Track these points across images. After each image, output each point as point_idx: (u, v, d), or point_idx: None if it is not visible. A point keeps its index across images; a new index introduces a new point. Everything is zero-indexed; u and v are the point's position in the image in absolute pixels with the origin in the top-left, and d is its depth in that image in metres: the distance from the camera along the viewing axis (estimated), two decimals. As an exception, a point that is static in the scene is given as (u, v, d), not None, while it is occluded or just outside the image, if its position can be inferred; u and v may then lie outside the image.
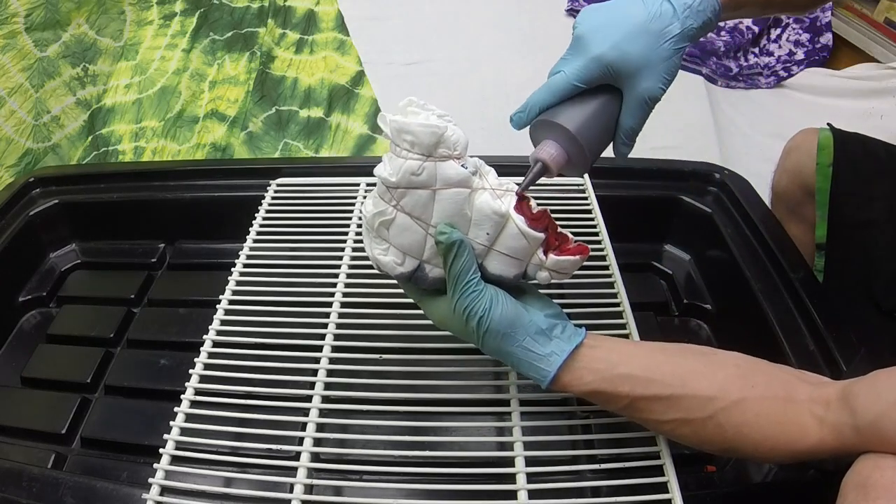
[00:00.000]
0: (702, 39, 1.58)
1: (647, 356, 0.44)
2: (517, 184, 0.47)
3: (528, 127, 0.49)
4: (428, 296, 0.48)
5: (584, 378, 0.43)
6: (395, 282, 0.56)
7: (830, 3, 1.58)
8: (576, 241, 0.47)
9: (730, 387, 0.41)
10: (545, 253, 0.45)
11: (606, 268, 0.63)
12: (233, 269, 0.64)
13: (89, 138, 1.29)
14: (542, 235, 0.45)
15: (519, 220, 0.44)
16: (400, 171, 0.43)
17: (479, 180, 0.45)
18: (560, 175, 0.49)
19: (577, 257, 0.45)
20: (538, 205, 0.46)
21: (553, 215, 0.49)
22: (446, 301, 0.45)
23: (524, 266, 0.46)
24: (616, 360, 0.43)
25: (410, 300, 0.53)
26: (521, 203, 0.45)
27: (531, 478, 0.46)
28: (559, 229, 0.46)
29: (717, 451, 0.44)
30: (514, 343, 0.43)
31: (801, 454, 0.40)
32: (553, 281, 0.46)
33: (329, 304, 0.60)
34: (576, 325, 0.45)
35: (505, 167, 0.75)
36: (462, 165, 0.44)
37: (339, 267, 0.63)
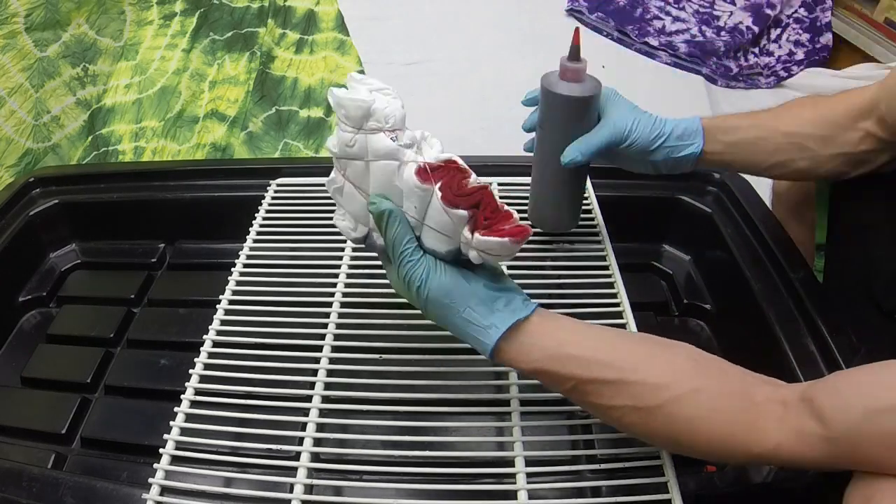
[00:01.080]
0: (702, 39, 1.58)
1: (601, 338, 0.43)
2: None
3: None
4: (387, 262, 0.48)
5: (531, 354, 0.42)
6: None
7: (830, 10, 1.59)
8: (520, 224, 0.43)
9: (684, 377, 0.40)
10: (471, 231, 0.42)
11: (606, 268, 0.63)
12: (233, 269, 0.64)
13: (89, 138, 1.29)
14: (464, 213, 0.42)
15: (439, 196, 0.43)
16: (338, 144, 0.47)
17: (411, 153, 0.45)
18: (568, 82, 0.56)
19: (506, 239, 0.41)
20: (485, 183, 0.44)
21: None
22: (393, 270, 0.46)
23: (456, 243, 0.44)
24: (566, 339, 0.42)
25: None
26: (451, 178, 0.43)
27: (531, 478, 0.46)
28: (504, 208, 0.43)
29: (667, 447, 0.43)
30: (455, 313, 0.43)
31: (757, 457, 0.39)
32: (492, 262, 0.44)
33: (329, 304, 0.60)
34: (528, 301, 0.44)
35: (505, 167, 0.75)
36: (393, 139, 0.45)
37: (339, 267, 0.63)
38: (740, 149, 0.58)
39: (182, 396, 0.52)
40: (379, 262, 0.63)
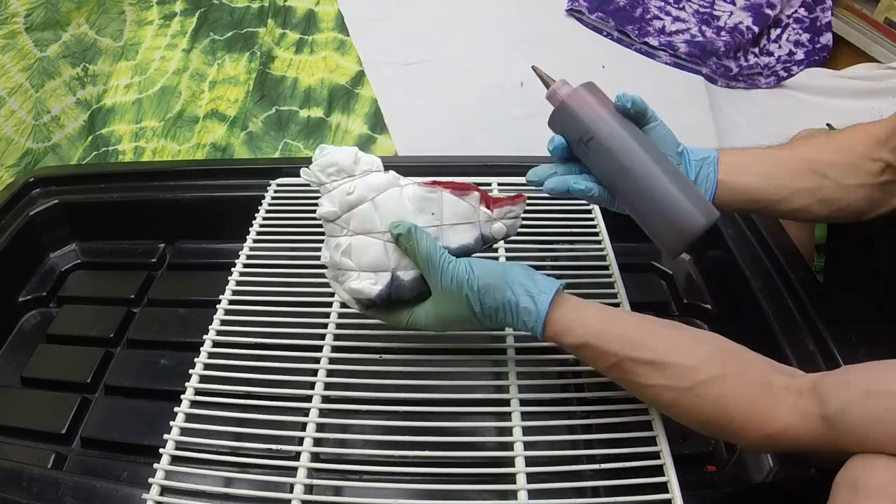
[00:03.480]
0: (702, 39, 1.58)
1: (638, 321, 0.46)
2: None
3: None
4: (412, 309, 0.50)
5: (576, 330, 0.45)
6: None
7: (830, 10, 1.59)
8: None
9: (711, 362, 0.43)
10: (488, 207, 0.50)
11: (606, 268, 0.63)
12: (233, 269, 0.64)
13: (89, 138, 1.29)
14: (476, 193, 0.50)
15: (449, 192, 0.50)
16: (337, 200, 0.49)
17: (402, 177, 0.51)
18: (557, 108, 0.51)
19: (518, 200, 0.51)
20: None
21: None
22: (432, 299, 0.48)
23: (478, 228, 0.51)
24: (608, 318, 0.46)
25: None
26: (444, 183, 0.51)
27: (531, 478, 0.46)
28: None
29: (694, 424, 0.45)
30: (507, 289, 0.46)
31: (768, 438, 0.41)
32: (509, 233, 0.51)
33: (329, 304, 0.60)
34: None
35: (505, 167, 0.75)
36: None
37: (339, 267, 0.63)
38: (758, 179, 0.53)
39: (182, 396, 0.52)
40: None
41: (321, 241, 0.66)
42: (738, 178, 0.53)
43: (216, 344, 0.57)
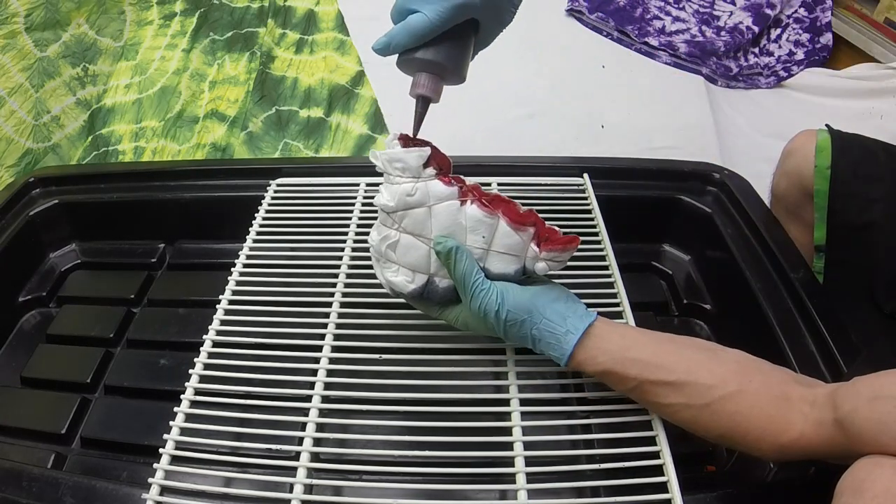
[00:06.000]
0: (702, 39, 1.58)
1: (657, 343, 0.47)
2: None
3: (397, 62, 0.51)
4: (443, 307, 0.52)
5: (597, 358, 0.47)
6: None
7: (830, 10, 1.59)
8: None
9: (729, 379, 0.44)
10: (538, 245, 0.49)
11: (606, 268, 0.63)
12: (233, 269, 0.64)
13: (89, 138, 1.29)
14: (531, 230, 0.49)
15: (508, 219, 0.49)
16: (396, 196, 0.49)
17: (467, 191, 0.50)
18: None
19: (570, 246, 0.49)
20: (529, 207, 0.51)
21: (553, 215, 0.50)
22: (463, 306, 0.50)
23: (522, 261, 0.50)
24: (628, 344, 0.47)
25: None
26: (507, 206, 0.49)
27: (531, 478, 0.46)
28: (546, 224, 0.51)
29: (711, 438, 0.47)
30: (533, 326, 0.47)
31: (784, 448, 0.43)
32: (550, 271, 0.50)
33: (329, 304, 0.60)
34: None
35: (505, 167, 0.75)
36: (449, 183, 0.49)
37: (339, 267, 0.63)
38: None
39: (182, 396, 0.52)
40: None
41: (321, 242, 0.67)
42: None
43: (216, 344, 0.57)
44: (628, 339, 0.47)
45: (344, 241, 0.66)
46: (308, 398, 0.52)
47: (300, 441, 0.49)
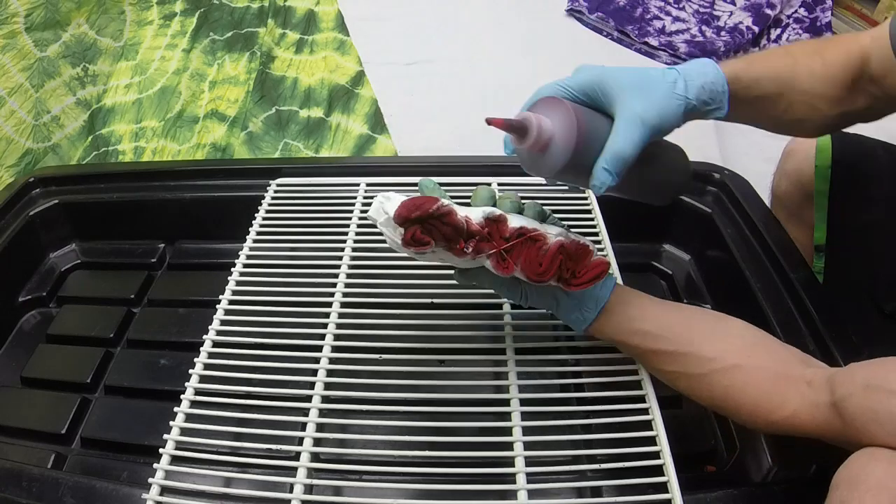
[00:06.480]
0: (702, 39, 1.57)
1: (664, 314, 0.50)
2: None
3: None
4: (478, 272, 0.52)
5: (604, 331, 0.51)
6: (395, 282, 0.56)
7: (830, 10, 1.59)
8: (595, 255, 0.50)
9: (731, 353, 0.46)
10: (566, 287, 0.48)
11: (606, 268, 0.63)
12: (233, 269, 0.64)
13: (89, 138, 1.29)
14: (554, 284, 0.48)
15: (526, 276, 0.47)
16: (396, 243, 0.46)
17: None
18: (533, 155, 0.45)
19: (599, 280, 0.49)
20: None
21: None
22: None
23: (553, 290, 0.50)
24: (634, 315, 0.50)
25: (410, 300, 0.55)
26: (529, 254, 0.46)
27: (531, 478, 0.46)
28: (581, 241, 0.49)
29: (707, 405, 0.49)
30: (554, 308, 0.51)
31: (775, 424, 0.44)
32: None
33: (329, 304, 0.60)
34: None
35: (505, 167, 0.75)
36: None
37: (339, 267, 0.63)
38: (758, 108, 0.52)
39: (182, 396, 0.52)
40: (379, 263, 0.64)
41: (321, 242, 0.67)
42: (738, 114, 0.51)
43: (216, 344, 0.57)
44: (637, 308, 0.50)
45: (344, 241, 0.66)
46: (308, 398, 0.52)
47: (300, 441, 0.49)
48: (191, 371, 0.54)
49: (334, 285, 0.62)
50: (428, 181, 0.51)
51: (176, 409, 0.51)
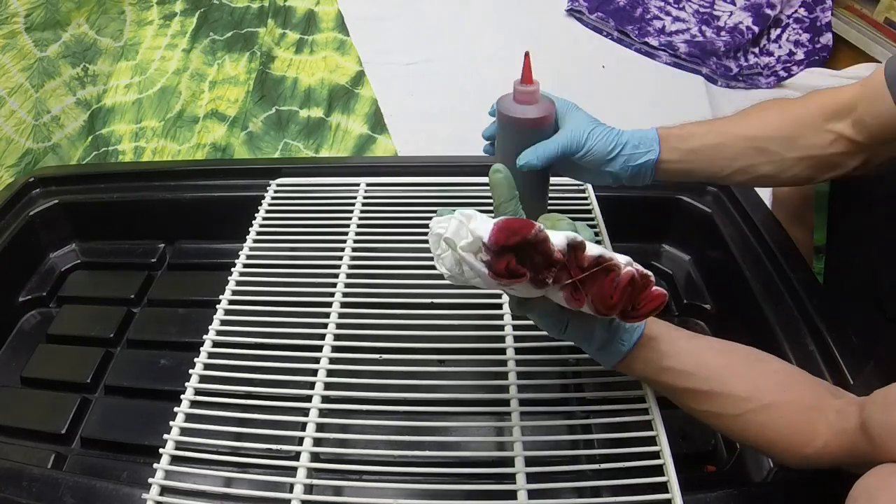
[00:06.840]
0: (702, 39, 1.57)
1: (696, 352, 0.47)
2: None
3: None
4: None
5: (634, 367, 0.48)
6: (394, 282, 0.56)
7: (830, 10, 1.59)
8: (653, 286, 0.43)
9: (764, 391, 0.45)
10: (625, 318, 0.43)
11: (606, 268, 0.63)
12: (233, 269, 0.64)
13: (89, 138, 1.29)
14: (616, 319, 0.45)
15: (593, 309, 0.42)
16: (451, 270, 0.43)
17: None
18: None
19: (657, 312, 0.43)
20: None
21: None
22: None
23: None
24: (666, 352, 0.47)
25: (410, 300, 0.55)
26: (601, 289, 0.41)
27: (531, 478, 0.46)
28: (644, 270, 0.43)
29: (740, 441, 0.49)
30: (589, 341, 0.47)
31: (808, 457, 0.43)
32: None
33: (329, 304, 0.60)
34: None
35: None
36: None
37: (339, 267, 0.63)
38: (699, 155, 0.56)
39: (182, 396, 0.52)
40: (379, 264, 0.64)
41: (321, 242, 0.67)
42: (676, 161, 0.56)
43: (216, 344, 0.57)
44: (668, 344, 0.47)
45: (344, 241, 0.66)
46: (308, 398, 0.52)
47: (300, 441, 0.49)
48: (191, 371, 0.54)
49: (334, 285, 0.62)
50: (446, 211, 0.44)
51: (176, 409, 0.51)
